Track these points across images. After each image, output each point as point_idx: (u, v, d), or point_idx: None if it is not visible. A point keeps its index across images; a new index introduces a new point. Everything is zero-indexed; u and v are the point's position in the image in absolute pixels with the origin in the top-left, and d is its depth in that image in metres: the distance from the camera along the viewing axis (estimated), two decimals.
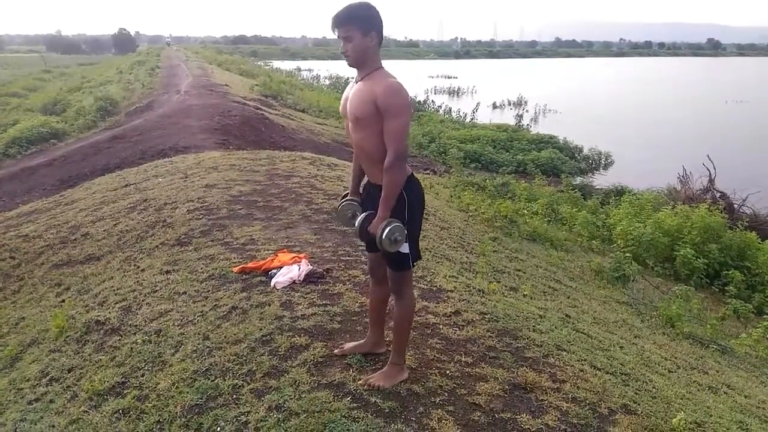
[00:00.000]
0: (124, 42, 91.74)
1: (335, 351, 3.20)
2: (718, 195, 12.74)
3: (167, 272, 4.73)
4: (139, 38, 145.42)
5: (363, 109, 2.63)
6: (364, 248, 3.04)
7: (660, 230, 9.23)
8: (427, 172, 14.65)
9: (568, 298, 5.57)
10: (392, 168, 2.59)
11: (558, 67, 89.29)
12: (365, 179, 2.97)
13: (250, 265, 4.49)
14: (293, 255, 4.57)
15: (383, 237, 2.59)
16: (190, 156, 10.11)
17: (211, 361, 3.21)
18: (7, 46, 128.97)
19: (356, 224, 2.76)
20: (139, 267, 5.09)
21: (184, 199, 6.75)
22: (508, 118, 28.56)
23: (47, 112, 21.87)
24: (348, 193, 3.06)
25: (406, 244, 2.71)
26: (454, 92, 43.88)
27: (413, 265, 2.83)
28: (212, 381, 3.03)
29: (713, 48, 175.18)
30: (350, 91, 2.76)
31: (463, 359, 3.24)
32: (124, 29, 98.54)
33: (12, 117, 21.55)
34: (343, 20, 2.60)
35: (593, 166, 20.42)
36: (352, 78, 2.84)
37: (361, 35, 2.61)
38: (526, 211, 9.55)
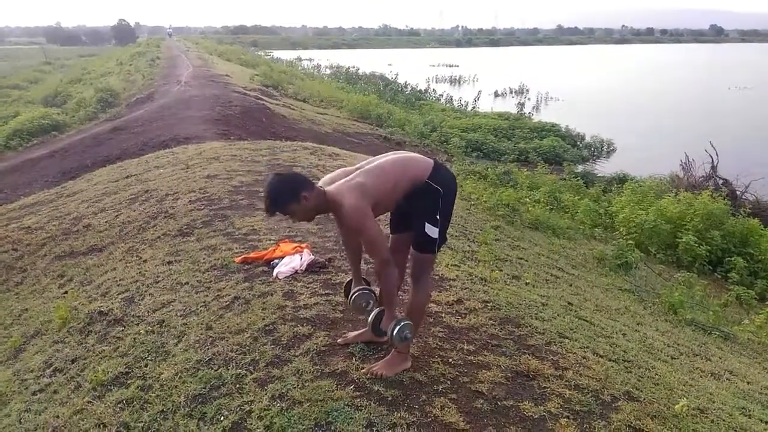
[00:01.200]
0: (124, 33, 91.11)
1: (338, 340, 3.21)
2: (720, 182, 12.71)
3: (169, 263, 4.73)
4: (139, 29, 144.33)
5: (350, 231, 2.96)
6: (389, 229, 3.16)
7: (662, 217, 9.22)
8: None
9: (571, 285, 5.57)
10: (382, 273, 2.80)
11: (560, 54, 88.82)
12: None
13: (252, 255, 4.49)
14: (295, 245, 4.57)
15: (393, 335, 2.82)
16: (192, 147, 10.10)
17: (214, 351, 3.22)
18: (7, 38, 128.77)
19: (369, 321, 3.00)
20: (141, 258, 5.10)
21: (185, 189, 6.75)
22: (509, 106, 28.48)
23: (48, 104, 21.88)
24: (351, 281, 3.21)
25: (437, 229, 2.84)
26: (455, 81, 43.68)
27: (438, 249, 2.93)
28: (215, 371, 3.04)
29: (716, 34, 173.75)
30: None
31: (465, 347, 3.24)
32: (124, 20, 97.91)
33: (13, 109, 21.57)
34: (274, 208, 2.72)
35: (595, 153, 20.37)
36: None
37: (296, 205, 2.69)
38: (528, 200, 9.53)
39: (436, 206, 2.82)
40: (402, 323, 2.82)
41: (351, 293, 3.18)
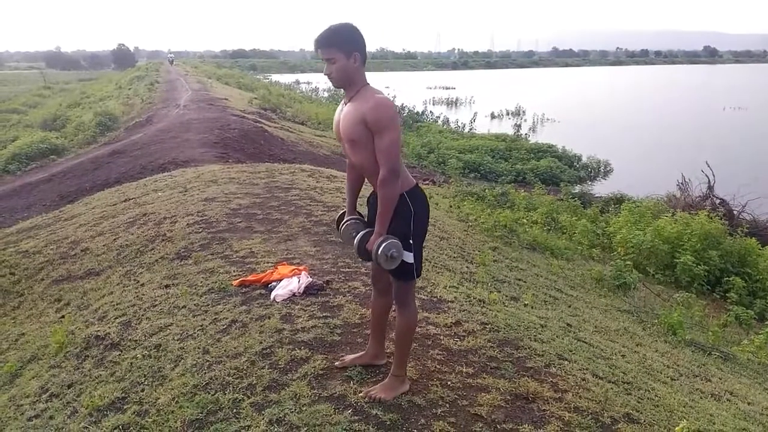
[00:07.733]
0: (123, 57, 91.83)
1: (336, 363, 3.19)
2: (717, 201, 12.77)
3: (167, 286, 4.72)
4: (139, 53, 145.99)
5: (354, 131, 2.64)
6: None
7: (660, 238, 9.23)
8: (427, 182, 14.67)
9: (569, 307, 5.56)
10: (385, 183, 2.62)
11: (555, 76, 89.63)
12: (361, 192, 3.00)
13: (249, 278, 4.48)
14: (293, 267, 4.57)
15: (379, 253, 2.61)
16: (190, 170, 10.13)
17: (211, 375, 3.20)
18: (7, 62, 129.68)
19: (355, 242, 2.77)
20: (138, 281, 5.09)
21: (183, 212, 6.76)
22: (506, 127, 28.70)
23: (47, 128, 21.94)
24: (345, 212, 3.07)
25: (411, 254, 2.72)
26: (452, 103, 44.06)
27: (418, 276, 2.83)
28: (212, 395, 3.01)
29: (710, 55, 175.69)
30: (341, 114, 2.77)
31: (464, 370, 3.23)
32: (123, 45, 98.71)
33: (12, 133, 21.63)
34: (326, 43, 2.62)
35: (592, 174, 20.47)
36: None
37: (344, 57, 2.62)
38: (525, 221, 9.55)
39: (409, 229, 2.72)
40: (389, 241, 2.60)
41: (342, 222, 3.02)
